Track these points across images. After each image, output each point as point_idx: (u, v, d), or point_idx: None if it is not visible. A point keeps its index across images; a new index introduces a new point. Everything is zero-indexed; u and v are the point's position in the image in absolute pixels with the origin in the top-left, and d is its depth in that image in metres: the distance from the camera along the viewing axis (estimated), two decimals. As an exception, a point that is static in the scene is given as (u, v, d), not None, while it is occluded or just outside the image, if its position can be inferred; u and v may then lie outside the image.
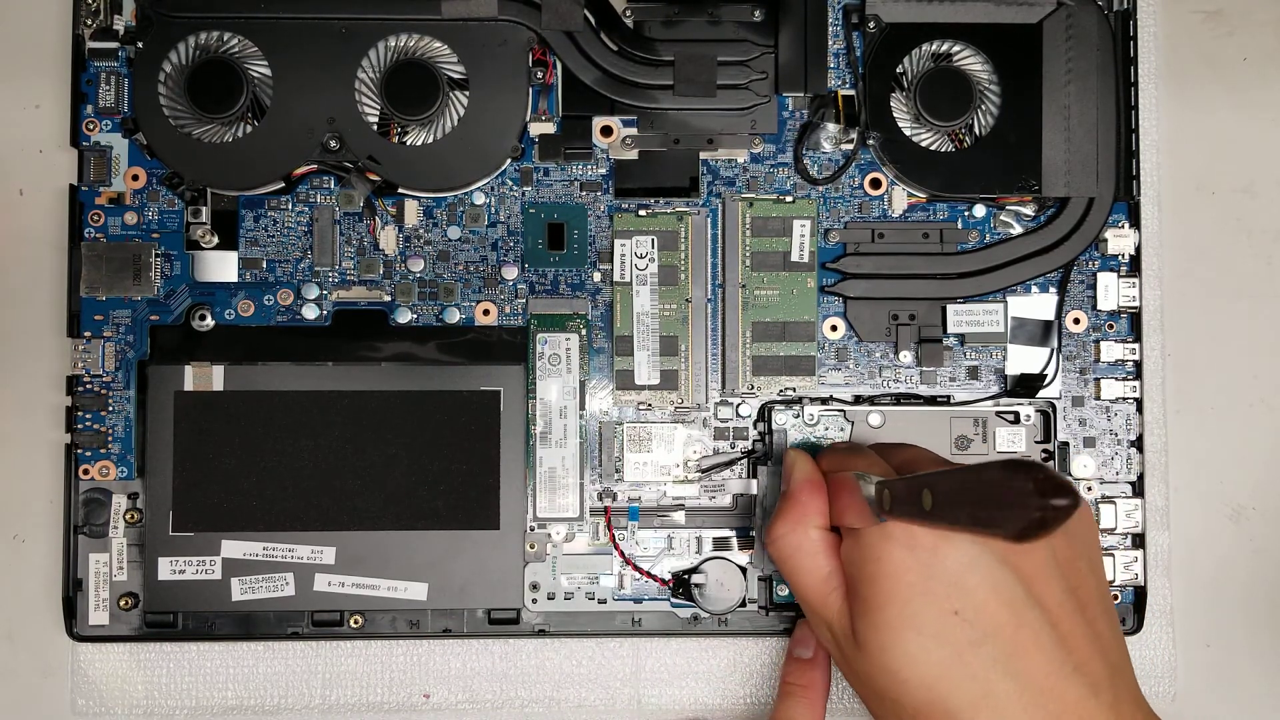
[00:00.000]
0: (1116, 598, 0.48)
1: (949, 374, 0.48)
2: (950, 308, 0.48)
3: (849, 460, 0.41)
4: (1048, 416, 0.47)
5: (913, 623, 0.36)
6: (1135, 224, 0.48)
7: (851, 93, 0.48)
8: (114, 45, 0.48)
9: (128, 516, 0.47)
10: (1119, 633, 0.39)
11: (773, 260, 0.48)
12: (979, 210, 0.48)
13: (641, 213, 0.48)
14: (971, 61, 0.48)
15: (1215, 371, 0.50)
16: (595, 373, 0.48)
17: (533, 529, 0.47)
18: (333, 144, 0.46)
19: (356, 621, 0.47)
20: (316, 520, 0.46)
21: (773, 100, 0.48)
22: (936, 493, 0.33)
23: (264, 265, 0.48)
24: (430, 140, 0.47)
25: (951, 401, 0.48)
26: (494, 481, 0.46)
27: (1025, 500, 0.29)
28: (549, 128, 0.48)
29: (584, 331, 0.47)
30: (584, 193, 0.48)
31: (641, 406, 0.48)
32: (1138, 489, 0.48)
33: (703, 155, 0.48)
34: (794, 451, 0.44)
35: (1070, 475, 0.48)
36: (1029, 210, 0.48)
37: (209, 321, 0.47)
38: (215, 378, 0.46)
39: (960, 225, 0.48)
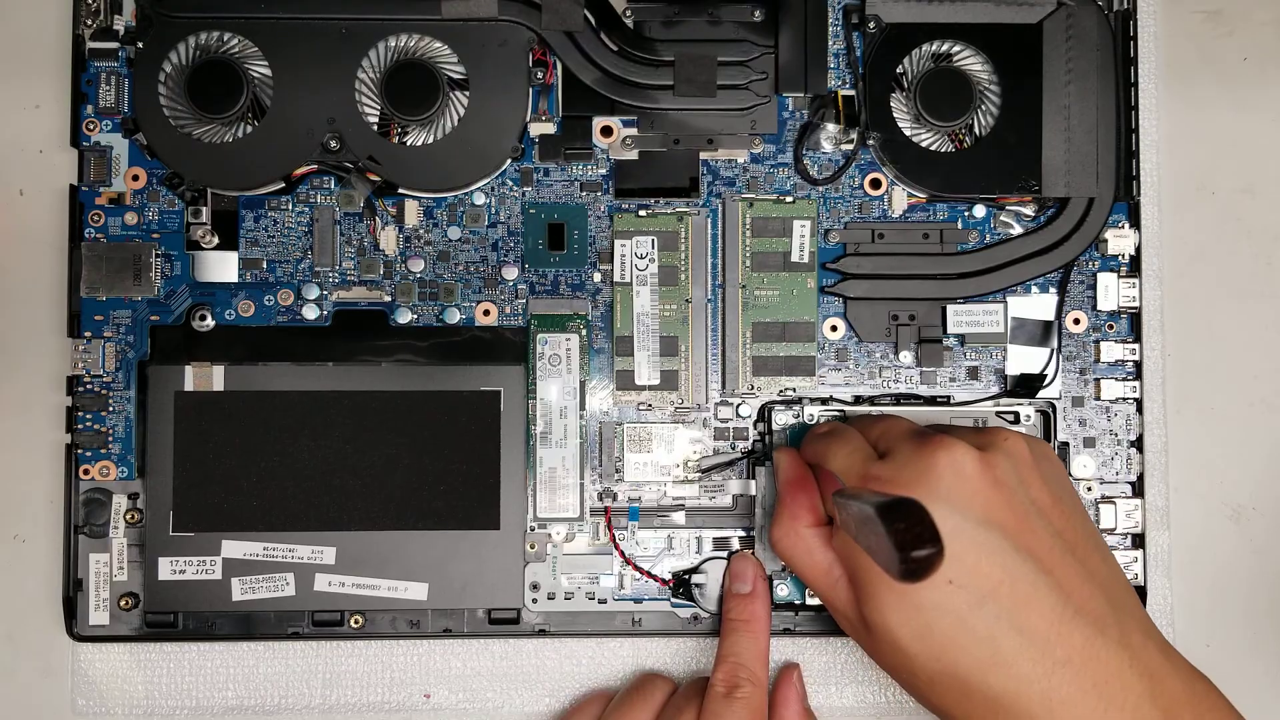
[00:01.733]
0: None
1: (949, 374, 0.48)
2: (950, 308, 0.48)
3: (829, 447, 0.42)
4: (1048, 417, 0.47)
5: (910, 601, 0.37)
6: (1135, 224, 0.48)
7: (851, 93, 0.48)
8: (114, 45, 0.48)
9: (128, 516, 0.47)
10: (1115, 566, 0.40)
11: (773, 260, 0.48)
12: (979, 210, 0.48)
13: (641, 213, 0.48)
14: (971, 61, 0.48)
15: (1215, 371, 0.50)
16: (595, 373, 0.48)
17: (533, 529, 0.47)
18: (333, 144, 0.46)
19: (357, 621, 0.47)
20: (316, 520, 0.46)
21: (773, 100, 0.48)
22: (853, 519, 0.33)
23: (264, 265, 0.48)
24: (430, 140, 0.47)
25: (951, 402, 0.48)
26: (494, 481, 0.47)
27: (892, 550, 0.29)
28: (549, 128, 0.48)
29: (584, 332, 0.47)
30: (584, 193, 0.48)
31: (641, 407, 0.48)
32: (1138, 489, 0.48)
33: (703, 155, 0.48)
34: (780, 452, 0.45)
35: (1070, 475, 0.48)
36: (1029, 210, 0.48)
37: (209, 322, 0.47)
38: (215, 378, 0.47)
39: (960, 225, 0.48)
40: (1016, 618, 0.36)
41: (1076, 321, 0.48)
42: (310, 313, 0.48)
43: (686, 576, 0.47)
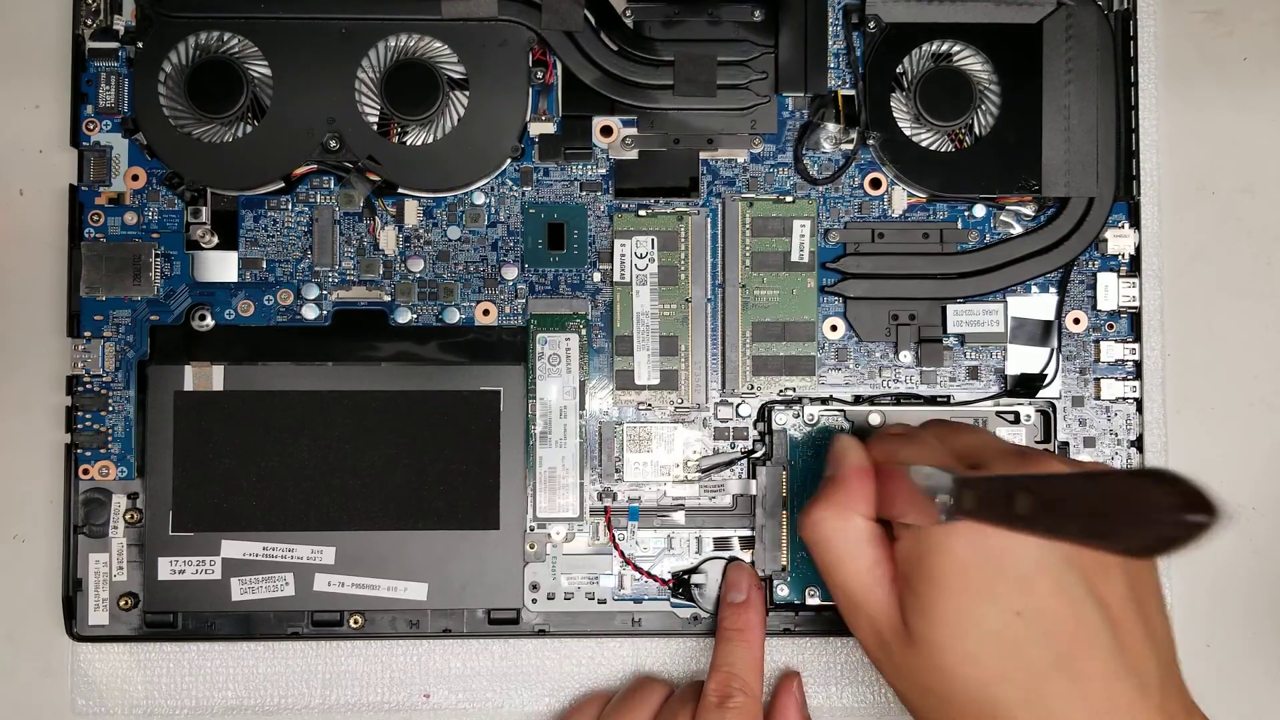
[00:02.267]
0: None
1: (949, 374, 0.48)
2: (950, 308, 0.48)
3: (904, 448, 0.40)
4: (1048, 416, 0.47)
5: (974, 622, 0.36)
6: (1135, 224, 0.48)
7: (851, 93, 0.48)
8: (114, 45, 0.48)
9: (128, 516, 0.47)
10: (1169, 628, 0.38)
11: (773, 260, 0.48)
12: (979, 210, 0.48)
13: (641, 213, 0.48)
14: (971, 61, 0.48)
15: (1215, 371, 0.50)
16: (595, 373, 0.48)
17: (533, 529, 0.47)
18: (333, 144, 0.46)
19: (356, 621, 0.47)
20: (316, 520, 0.46)
21: (773, 100, 0.48)
22: (1040, 499, 0.31)
23: (264, 265, 0.48)
24: (430, 140, 0.47)
25: (951, 401, 0.48)
26: (494, 481, 0.47)
27: (1160, 515, 0.27)
28: (549, 128, 0.48)
29: (584, 331, 0.47)
30: (584, 193, 0.48)
31: (641, 406, 0.48)
32: (1138, 489, 0.48)
33: (703, 155, 0.48)
34: (846, 437, 0.42)
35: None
36: (1029, 210, 0.48)
37: (209, 321, 0.47)
38: (215, 378, 0.46)
39: (960, 225, 0.48)
40: (1071, 664, 0.35)
41: (1076, 321, 0.48)
42: (310, 312, 0.48)
43: (686, 576, 0.47)
